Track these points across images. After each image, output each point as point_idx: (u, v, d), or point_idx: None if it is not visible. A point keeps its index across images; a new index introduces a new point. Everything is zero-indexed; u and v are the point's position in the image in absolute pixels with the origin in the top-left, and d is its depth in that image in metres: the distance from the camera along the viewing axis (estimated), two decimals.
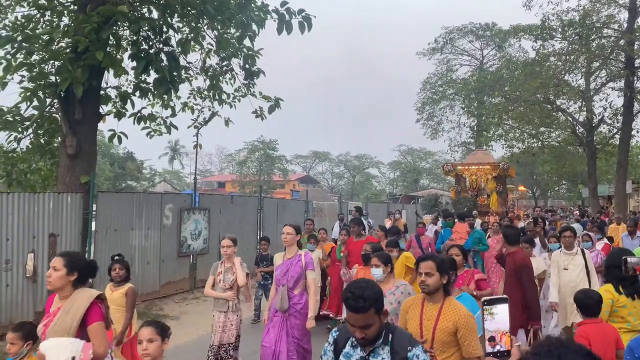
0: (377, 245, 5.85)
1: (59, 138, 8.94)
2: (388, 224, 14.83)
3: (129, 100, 9.05)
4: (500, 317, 1.98)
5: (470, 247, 9.29)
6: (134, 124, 9.05)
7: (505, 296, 2.07)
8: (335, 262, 7.80)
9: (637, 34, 20.64)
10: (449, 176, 21.53)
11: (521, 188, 36.53)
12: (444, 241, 9.98)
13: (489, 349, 1.97)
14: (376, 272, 4.41)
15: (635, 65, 21.42)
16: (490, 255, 8.95)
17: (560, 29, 22.60)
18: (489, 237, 10.10)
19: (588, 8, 21.83)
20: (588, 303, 4.11)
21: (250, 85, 10.18)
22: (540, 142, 27.23)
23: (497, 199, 18.73)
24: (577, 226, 12.10)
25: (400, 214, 16.12)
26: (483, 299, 2.03)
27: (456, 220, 11.12)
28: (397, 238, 7.52)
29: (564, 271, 6.38)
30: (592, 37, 21.71)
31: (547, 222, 13.30)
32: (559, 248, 7.01)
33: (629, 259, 2.92)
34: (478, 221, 12.96)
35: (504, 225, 8.91)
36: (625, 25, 21.25)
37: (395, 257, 6.53)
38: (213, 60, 10.31)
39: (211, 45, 9.89)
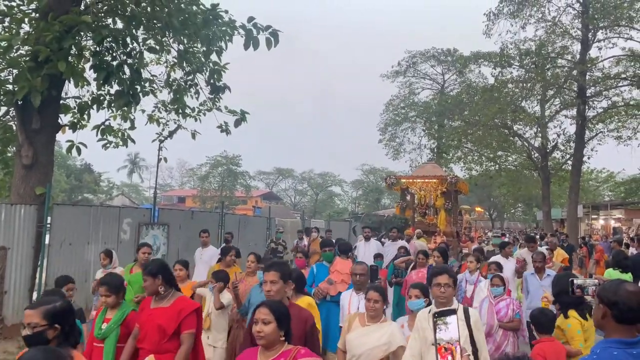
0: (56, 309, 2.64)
1: (14, 147, 8.65)
2: (305, 242, 13.07)
3: (87, 112, 8.86)
4: (452, 326, 2.05)
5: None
6: (97, 135, 8.84)
7: (454, 307, 2.15)
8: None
9: (589, 66, 21.73)
10: (393, 190, 19.46)
11: (478, 209, 37.12)
12: (315, 282, 6.30)
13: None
14: None
15: (587, 95, 22.50)
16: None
17: (517, 58, 23.58)
18: (413, 267, 7.85)
19: (544, 39, 22.90)
20: (543, 320, 4.27)
21: (216, 100, 10.13)
22: (497, 166, 28.09)
23: (446, 217, 16.84)
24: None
25: (317, 232, 12.95)
26: (434, 311, 2.10)
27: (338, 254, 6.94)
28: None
29: (432, 348, 3.30)
30: (547, 67, 22.72)
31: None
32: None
33: (575, 281, 3.06)
34: (391, 245, 10.21)
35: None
36: (578, 56, 22.35)
37: None
38: (178, 74, 10.22)
39: (176, 59, 9.83)
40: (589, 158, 24.64)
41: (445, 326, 2.06)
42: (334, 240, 8.57)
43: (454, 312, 2.11)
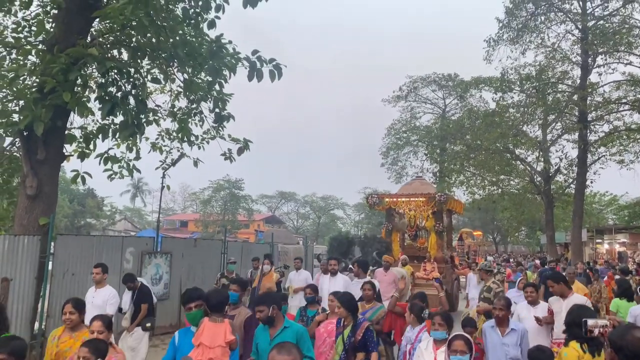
0: None
1: (19, 178, 8.68)
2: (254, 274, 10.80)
3: (93, 141, 8.92)
4: None
5: None
6: (99, 164, 8.87)
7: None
8: None
9: (589, 90, 21.88)
10: (377, 210, 17.53)
11: (477, 233, 36.00)
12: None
13: None
14: None
15: (588, 119, 22.60)
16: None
17: (518, 83, 23.79)
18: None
19: (544, 64, 23.13)
20: (542, 358, 4.23)
21: (220, 128, 10.18)
22: (500, 190, 28.03)
23: (437, 240, 14.98)
24: (513, 294, 7.82)
25: (270, 263, 10.24)
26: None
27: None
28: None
29: None
30: (548, 92, 22.90)
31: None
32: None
33: (589, 322, 3.03)
34: (358, 285, 7.36)
35: None
36: (578, 81, 22.52)
37: None
38: (182, 103, 10.31)
39: (181, 88, 9.92)
40: (592, 182, 24.61)
41: None
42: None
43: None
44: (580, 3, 22.77)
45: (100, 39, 8.42)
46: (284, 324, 4.31)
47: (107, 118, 8.57)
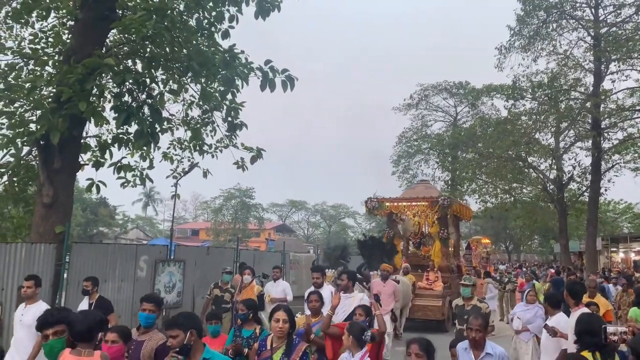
0: None
1: (34, 186, 8.80)
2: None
3: (108, 150, 9.02)
4: None
5: None
6: (113, 173, 8.97)
7: None
8: None
9: (603, 97, 21.73)
10: (376, 215, 16.12)
11: (485, 240, 35.01)
12: None
13: None
14: None
15: (602, 127, 22.42)
16: None
17: (530, 90, 23.69)
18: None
19: (556, 71, 23.03)
20: None
21: (233, 137, 10.25)
22: (512, 198, 27.81)
23: (441, 248, 14.04)
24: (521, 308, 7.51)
25: (252, 274, 9.01)
26: None
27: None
28: None
29: None
30: (561, 99, 22.78)
31: None
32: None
33: (609, 328, 3.00)
34: (346, 300, 5.77)
35: None
36: (591, 88, 22.38)
37: None
38: (195, 112, 10.40)
39: (194, 97, 10.02)
40: (605, 190, 24.36)
41: None
42: None
43: None
44: (593, 10, 22.71)
45: (115, 50, 8.54)
46: (204, 354, 3.42)
47: (121, 127, 8.68)
